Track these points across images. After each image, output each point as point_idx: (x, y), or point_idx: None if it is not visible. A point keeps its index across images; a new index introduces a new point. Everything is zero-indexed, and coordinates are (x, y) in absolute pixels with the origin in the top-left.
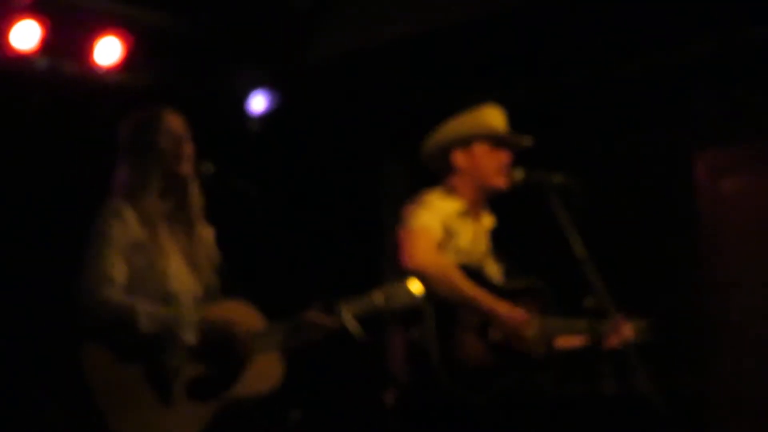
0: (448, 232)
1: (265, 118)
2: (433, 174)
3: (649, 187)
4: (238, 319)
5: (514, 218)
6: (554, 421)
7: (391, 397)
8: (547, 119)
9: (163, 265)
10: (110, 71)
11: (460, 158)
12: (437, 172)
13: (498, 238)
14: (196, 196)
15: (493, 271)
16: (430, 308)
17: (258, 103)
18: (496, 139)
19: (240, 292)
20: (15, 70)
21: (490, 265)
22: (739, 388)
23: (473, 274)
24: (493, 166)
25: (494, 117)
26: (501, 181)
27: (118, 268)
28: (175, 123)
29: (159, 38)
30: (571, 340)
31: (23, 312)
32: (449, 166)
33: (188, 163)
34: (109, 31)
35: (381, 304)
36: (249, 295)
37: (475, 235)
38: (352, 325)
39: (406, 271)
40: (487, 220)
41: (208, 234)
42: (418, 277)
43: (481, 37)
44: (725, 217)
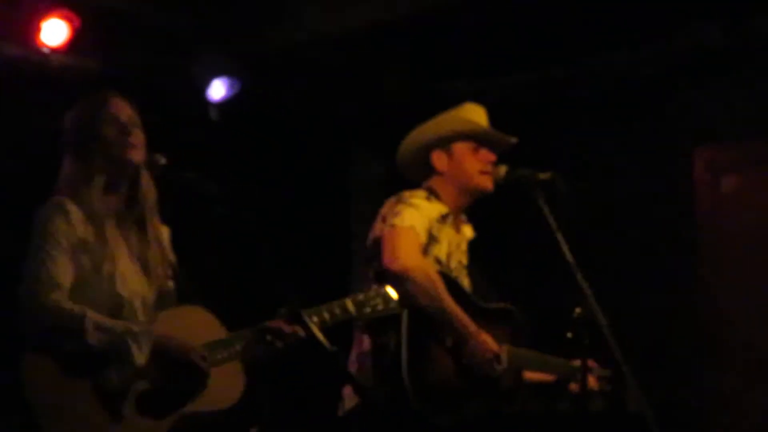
0: (431, 238)
1: (226, 106)
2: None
3: (645, 187)
4: (194, 338)
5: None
6: None
7: (349, 402)
8: (530, 114)
9: (111, 268)
10: (56, 54)
11: (440, 160)
12: (414, 179)
13: (477, 244)
14: (147, 191)
15: (465, 286)
16: (404, 316)
17: (218, 89)
18: (478, 138)
19: (197, 298)
20: None
21: (464, 280)
22: (736, 399)
23: (453, 286)
24: (477, 167)
25: (475, 115)
26: (486, 183)
27: (65, 271)
28: (122, 109)
29: (110, 20)
30: (538, 375)
31: None
32: (428, 170)
33: (138, 153)
34: (56, 12)
35: (352, 313)
36: (207, 301)
37: (454, 245)
38: (320, 336)
39: (387, 272)
40: (468, 231)
41: (161, 233)
42: (399, 280)
43: (458, 22)
44: (725, 217)
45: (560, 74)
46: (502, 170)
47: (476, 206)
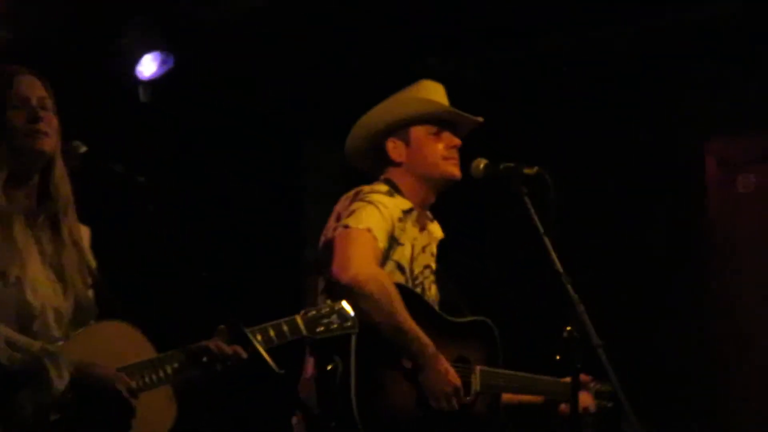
0: (392, 240)
1: (157, 85)
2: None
3: (648, 184)
4: (117, 359)
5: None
6: None
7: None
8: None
9: (19, 273)
10: None
11: (396, 149)
12: (368, 172)
13: (452, 248)
14: (61, 185)
15: (432, 295)
16: (352, 338)
17: (148, 66)
18: (438, 120)
19: (121, 311)
20: None
21: (431, 288)
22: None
23: (413, 299)
24: (439, 153)
25: (433, 93)
26: (452, 170)
27: None
28: (32, 89)
29: None
30: (522, 396)
31: None
32: (384, 161)
33: (49, 142)
34: None
35: (302, 332)
36: (133, 315)
37: (419, 247)
38: (266, 356)
39: (336, 284)
40: (436, 230)
41: (79, 234)
42: (349, 294)
43: None
44: (739, 218)
45: (550, 50)
46: (481, 164)
47: (449, 205)
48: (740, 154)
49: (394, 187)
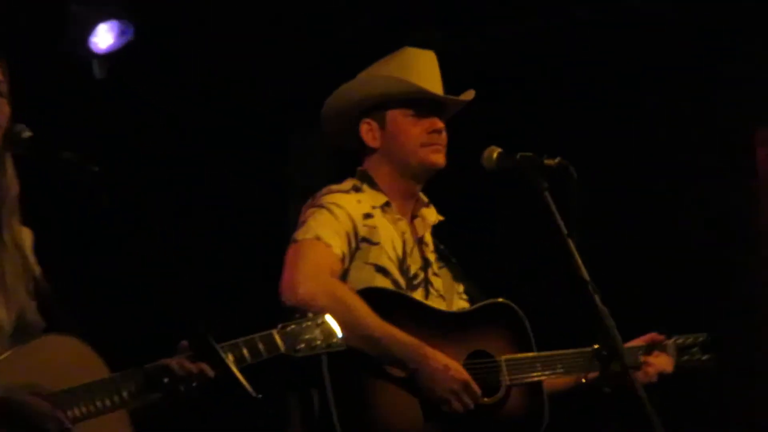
0: (361, 241)
1: (114, 59)
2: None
3: (690, 178)
4: (65, 379)
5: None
6: None
7: None
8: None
9: None
10: None
11: (370, 133)
12: (353, 150)
13: (461, 246)
14: (14, 184)
15: (440, 289)
16: (323, 358)
17: (104, 38)
18: (415, 100)
19: (70, 324)
20: None
21: (435, 281)
22: None
23: (398, 301)
24: (418, 139)
25: (413, 66)
26: (432, 158)
27: None
28: None
29: None
30: (562, 380)
31: None
32: (361, 145)
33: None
34: None
35: (280, 349)
36: (83, 329)
37: (410, 243)
38: (239, 377)
39: (283, 307)
40: (429, 215)
41: (22, 237)
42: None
43: None
44: None
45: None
46: (494, 153)
47: (453, 201)
48: None
49: (368, 180)
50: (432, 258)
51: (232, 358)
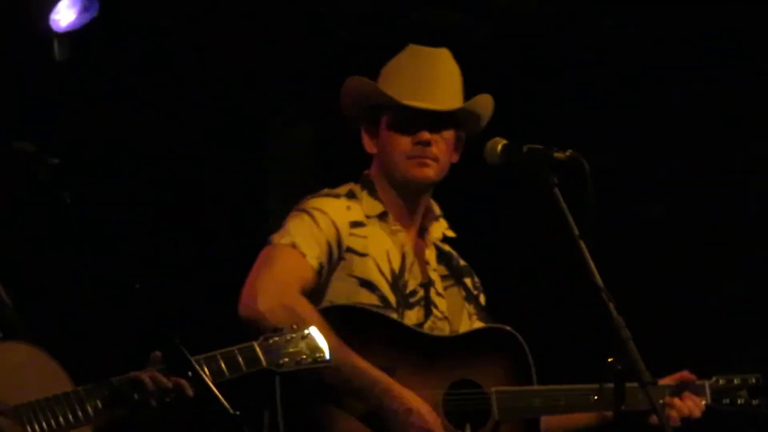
0: (345, 251)
1: (77, 39)
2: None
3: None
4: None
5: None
6: None
7: None
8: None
9: None
10: None
11: (368, 138)
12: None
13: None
14: None
15: (444, 307)
16: (276, 382)
17: (65, 15)
18: (405, 108)
19: (27, 332)
20: None
21: (438, 300)
22: None
23: (374, 322)
24: (402, 149)
25: (417, 66)
26: (416, 173)
27: None
28: None
29: None
30: (572, 419)
31: None
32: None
33: None
34: None
35: (261, 364)
36: (44, 336)
37: (402, 252)
38: (215, 393)
39: (241, 318)
40: (435, 230)
41: None
42: (256, 330)
43: None
44: None
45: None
46: (499, 145)
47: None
48: None
49: (369, 187)
50: (435, 277)
51: (208, 372)
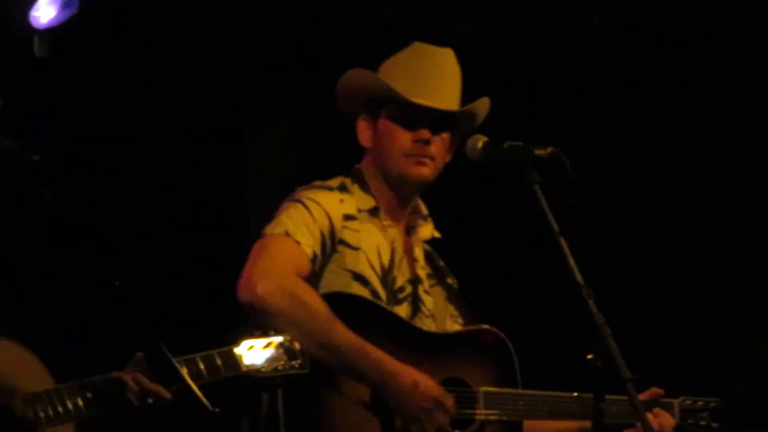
0: (338, 243)
1: (57, 36)
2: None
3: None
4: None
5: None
6: None
7: None
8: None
9: None
10: None
11: (364, 130)
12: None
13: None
14: None
15: (431, 308)
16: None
17: (46, 11)
18: (408, 104)
19: (10, 328)
20: None
21: (426, 298)
22: None
23: (372, 312)
24: (401, 146)
25: (418, 64)
26: (413, 171)
27: None
28: None
29: None
30: (553, 425)
31: None
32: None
33: None
34: None
35: (240, 368)
36: (24, 332)
37: (392, 248)
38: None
39: (239, 304)
40: (423, 230)
41: None
42: (255, 313)
43: None
44: None
45: None
46: (479, 142)
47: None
48: None
49: (360, 181)
50: (422, 275)
51: (187, 374)
